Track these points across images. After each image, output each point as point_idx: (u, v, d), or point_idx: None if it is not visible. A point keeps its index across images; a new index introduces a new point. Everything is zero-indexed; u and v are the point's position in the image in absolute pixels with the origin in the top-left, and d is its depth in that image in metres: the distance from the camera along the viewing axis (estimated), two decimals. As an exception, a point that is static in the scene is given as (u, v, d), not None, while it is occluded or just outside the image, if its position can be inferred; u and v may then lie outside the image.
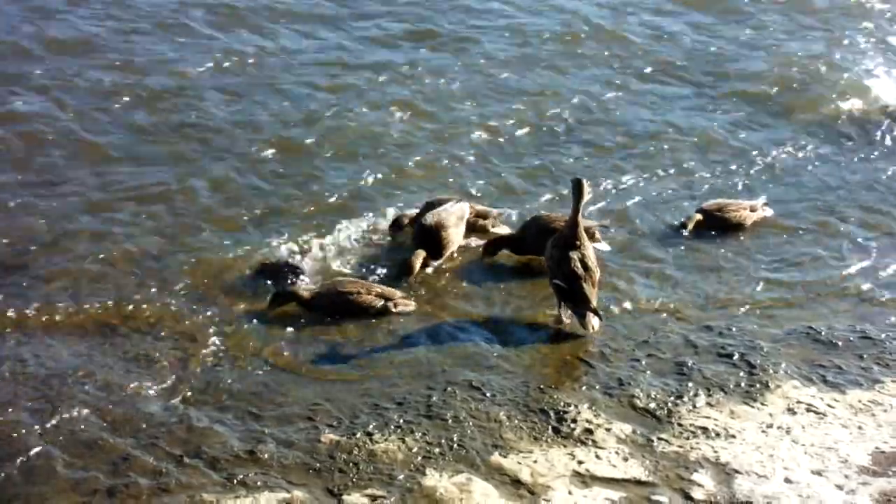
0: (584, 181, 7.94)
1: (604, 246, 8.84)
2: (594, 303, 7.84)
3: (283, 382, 7.22)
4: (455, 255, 8.88)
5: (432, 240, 8.61)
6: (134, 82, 11.42)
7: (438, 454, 6.56)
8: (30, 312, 7.78)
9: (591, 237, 8.59)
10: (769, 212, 9.63)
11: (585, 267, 7.89)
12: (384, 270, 8.60)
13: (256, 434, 6.67)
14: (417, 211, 9.06)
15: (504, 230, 9.19)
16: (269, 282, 8.31)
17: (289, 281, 8.29)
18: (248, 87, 11.52)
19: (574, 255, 7.89)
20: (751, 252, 9.20)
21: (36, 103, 10.82)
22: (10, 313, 7.76)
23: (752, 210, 9.54)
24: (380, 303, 8.05)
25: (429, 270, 8.67)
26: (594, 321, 7.83)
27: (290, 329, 7.83)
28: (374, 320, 8.00)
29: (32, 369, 7.19)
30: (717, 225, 9.38)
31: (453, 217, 8.72)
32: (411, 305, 8.18)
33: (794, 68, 12.65)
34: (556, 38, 13.14)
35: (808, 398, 7.26)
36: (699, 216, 9.37)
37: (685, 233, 9.30)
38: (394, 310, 8.08)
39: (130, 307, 7.92)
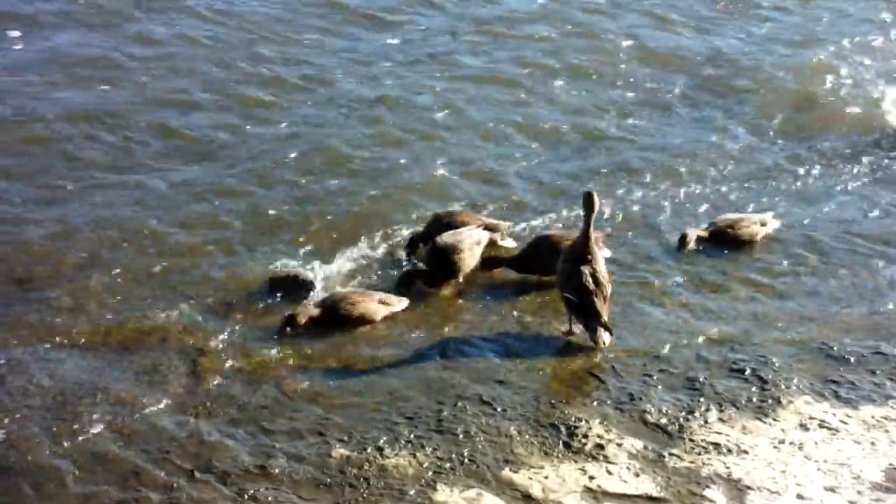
0: (595, 194, 7.93)
1: (605, 252, 8.79)
2: (605, 317, 7.83)
3: (293, 397, 7.21)
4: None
5: (445, 261, 8.58)
6: (141, 96, 11.47)
7: (449, 469, 6.55)
8: (41, 327, 7.79)
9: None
10: (776, 223, 9.61)
11: (596, 282, 7.87)
12: (390, 284, 8.61)
13: (267, 449, 6.67)
14: (427, 228, 9.05)
15: (510, 243, 9.16)
16: (279, 295, 8.32)
17: (300, 294, 8.30)
18: (259, 103, 11.56)
19: (585, 269, 7.88)
20: (761, 266, 9.17)
21: (47, 117, 10.86)
22: (21, 328, 7.78)
23: (763, 224, 9.53)
24: (383, 310, 8.09)
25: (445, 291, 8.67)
26: (605, 336, 7.81)
27: (300, 343, 7.83)
28: (384, 335, 8.00)
29: (43, 383, 7.20)
30: (729, 241, 9.36)
31: (469, 241, 8.68)
32: (405, 301, 8.25)
33: (807, 83, 12.66)
34: (568, 52, 13.16)
35: (821, 414, 7.22)
36: (702, 232, 9.34)
37: (682, 251, 9.26)
38: (394, 308, 8.17)
39: (141, 321, 7.93)
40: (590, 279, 7.85)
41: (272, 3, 13.99)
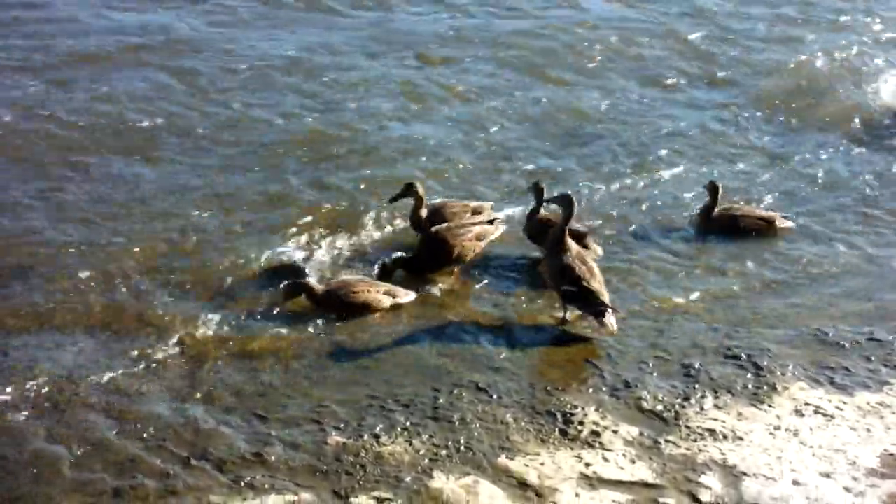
0: (573, 196, 8.01)
1: (598, 251, 8.79)
2: (607, 298, 7.83)
3: (289, 384, 7.21)
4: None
5: (438, 250, 8.58)
6: (142, 88, 11.46)
7: (445, 456, 6.55)
8: (38, 314, 7.79)
9: (584, 245, 8.59)
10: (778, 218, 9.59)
11: (583, 262, 7.91)
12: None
13: (263, 436, 6.67)
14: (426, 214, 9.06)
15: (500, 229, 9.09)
16: (274, 284, 8.31)
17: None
18: (255, 92, 11.55)
19: (569, 258, 7.89)
20: (758, 253, 9.18)
21: (42, 106, 10.85)
22: (18, 315, 7.77)
23: (770, 222, 9.46)
24: (388, 301, 8.08)
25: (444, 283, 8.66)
26: (612, 319, 7.78)
27: (296, 331, 7.83)
28: (380, 322, 8.00)
29: (40, 370, 7.19)
30: (731, 230, 9.42)
31: (469, 234, 8.67)
32: (412, 294, 8.26)
33: (807, 71, 12.70)
34: (569, 42, 13.16)
35: (816, 400, 7.24)
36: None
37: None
38: (400, 300, 8.17)
39: (137, 309, 7.92)
40: (582, 267, 7.85)
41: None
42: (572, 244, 8.07)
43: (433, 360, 7.57)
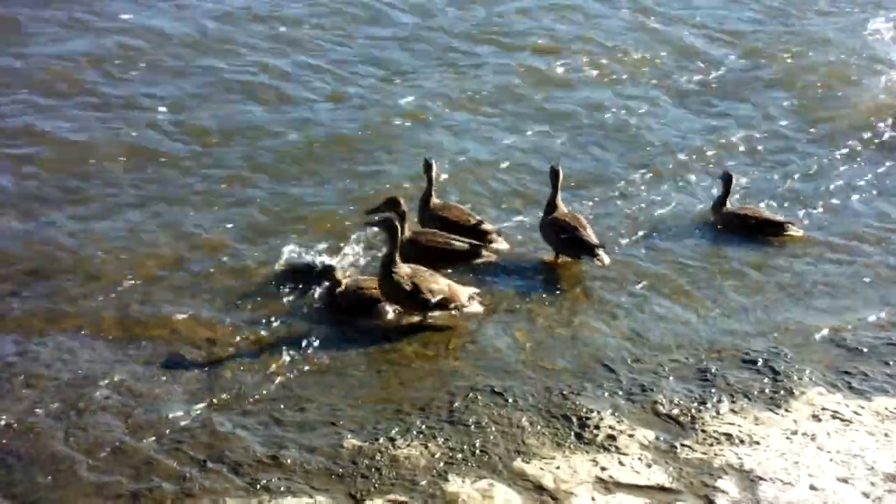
0: (397, 222, 8.04)
1: (605, 260, 8.78)
2: (434, 296, 7.88)
3: (305, 387, 7.23)
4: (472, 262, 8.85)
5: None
6: (155, 90, 11.50)
7: (461, 460, 6.55)
8: (55, 319, 7.81)
9: (594, 255, 8.65)
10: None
11: (413, 276, 7.93)
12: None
13: (279, 439, 6.68)
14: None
15: (503, 245, 9.07)
16: (288, 287, 8.33)
17: (317, 283, 8.31)
18: (268, 95, 11.58)
19: (401, 277, 7.90)
20: (775, 257, 9.15)
21: (62, 114, 10.90)
22: (36, 320, 7.80)
23: (779, 225, 9.42)
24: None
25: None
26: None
27: (312, 334, 7.83)
28: (395, 325, 8.01)
29: (57, 375, 7.22)
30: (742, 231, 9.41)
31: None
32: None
33: (822, 75, 12.66)
34: (580, 48, 13.15)
35: (834, 405, 7.21)
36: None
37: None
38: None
39: (153, 313, 7.94)
40: (410, 282, 7.89)
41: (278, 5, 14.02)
42: (402, 266, 8.02)
43: (448, 364, 7.57)
